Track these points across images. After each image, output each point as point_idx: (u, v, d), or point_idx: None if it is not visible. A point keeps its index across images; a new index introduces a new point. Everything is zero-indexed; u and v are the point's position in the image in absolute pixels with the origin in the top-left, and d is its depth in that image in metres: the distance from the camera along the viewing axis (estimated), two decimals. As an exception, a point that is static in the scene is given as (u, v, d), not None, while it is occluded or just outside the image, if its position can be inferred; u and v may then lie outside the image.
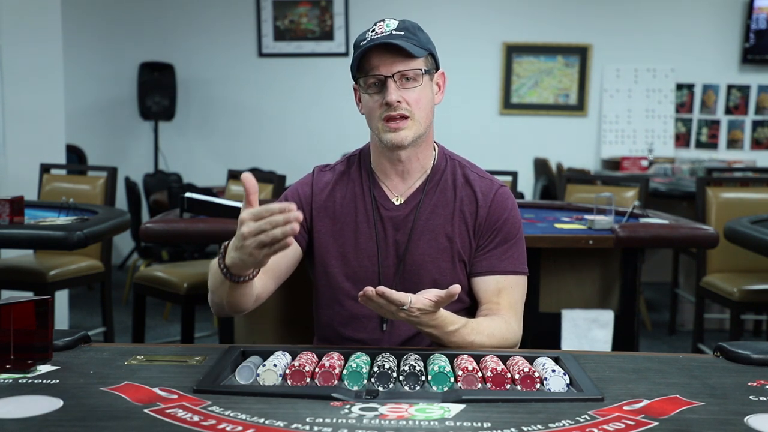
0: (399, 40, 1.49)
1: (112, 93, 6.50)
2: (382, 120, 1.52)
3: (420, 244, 1.58)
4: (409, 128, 1.52)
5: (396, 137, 1.52)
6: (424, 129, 1.55)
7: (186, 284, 3.38)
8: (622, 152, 6.34)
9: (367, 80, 1.52)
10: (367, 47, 1.49)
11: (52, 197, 3.78)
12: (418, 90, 1.52)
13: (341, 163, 1.68)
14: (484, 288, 1.58)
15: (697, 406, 1.09)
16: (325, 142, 6.37)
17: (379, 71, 1.50)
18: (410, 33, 1.52)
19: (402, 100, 1.50)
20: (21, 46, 4.20)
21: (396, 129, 1.51)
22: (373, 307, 1.33)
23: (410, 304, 1.31)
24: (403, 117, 1.51)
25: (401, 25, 1.52)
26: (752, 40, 6.24)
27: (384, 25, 1.52)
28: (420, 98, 1.52)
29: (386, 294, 1.28)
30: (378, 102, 1.52)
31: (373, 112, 1.54)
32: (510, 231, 1.59)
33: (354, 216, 1.60)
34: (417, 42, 1.51)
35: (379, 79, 1.51)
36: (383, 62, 1.50)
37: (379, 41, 1.49)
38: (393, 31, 1.50)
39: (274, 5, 6.39)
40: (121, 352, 1.33)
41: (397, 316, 1.34)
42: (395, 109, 1.50)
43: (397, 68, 1.50)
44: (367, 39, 1.52)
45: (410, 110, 1.51)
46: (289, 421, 1.01)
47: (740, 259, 3.51)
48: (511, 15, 6.41)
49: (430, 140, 1.62)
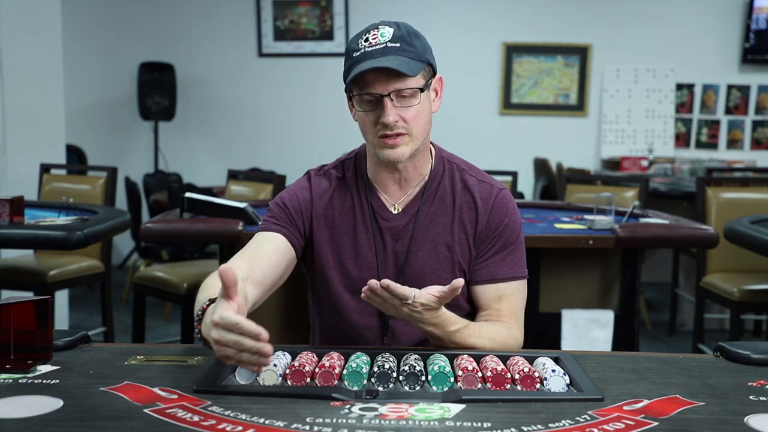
0: (395, 55, 1.42)
1: (112, 93, 6.51)
2: (377, 137, 1.47)
3: (419, 254, 1.55)
4: (406, 144, 1.47)
5: (393, 154, 1.47)
6: (421, 142, 1.50)
7: (186, 284, 3.39)
8: (622, 152, 6.34)
9: (361, 96, 1.46)
10: (361, 71, 1.42)
11: (52, 197, 3.78)
12: (416, 107, 1.46)
13: (335, 168, 1.62)
14: (485, 295, 1.56)
15: (697, 406, 1.09)
16: (325, 142, 6.37)
17: (374, 89, 1.44)
18: (406, 44, 1.44)
19: (399, 118, 1.44)
20: (21, 47, 4.20)
21: (393, 146, 1.47)
22: (376, 302, 1.31)
23: (414, 298, 1.29)
24: (399, 135, 1.46)
25: (396, 33, 1.44)
26: (752, 40, 6.24)
27: (378, 34, 1.44)
28: (417, 115, 1.46)
29: (391, 287, 1.27)
30: (373, 119, 1.46)
31: (368, 128, 1.48)
32: (510, 236, 1.57)
33: (353, 226, 1.57)
34: (414, 54, 1.45)
35: (375, 96, 1.45)
36: (379, 80, 1.43)
37: (374, 63, 1.41)
38: (388, 43, 1.43)
39: (274, 5, 6.39)
40: (121, 352, 1.33)
41: (400, 312, 1.32)
42: (392, 128, 1.45)
43: (393, 87, 1.43)
44: (360, 50, 1.45)
45: (407, 127, 1.46)
46: (289, 421, 1.01)
47: (740, 259, 3.51)
48: (511, 15, 6.41)
49: (427, 147, 1.58)
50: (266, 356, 1.08)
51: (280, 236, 1.53)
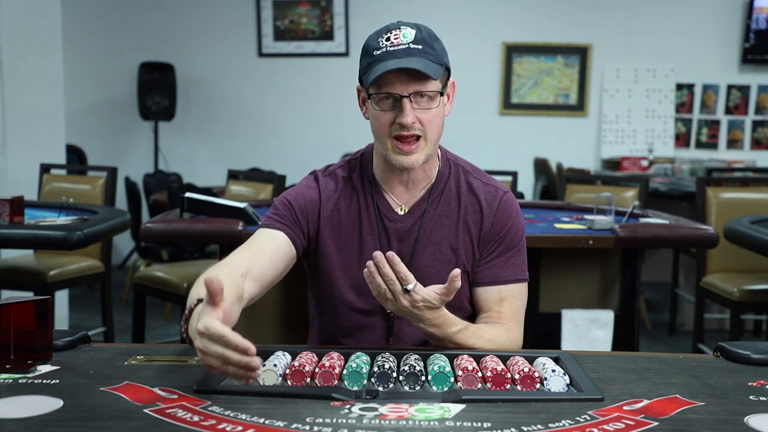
0: (418, 56, 1.42)
1: (112, 93, 6.51)
2: (391, 138, 1.46)
3: (424, 256, 1.55)
4: (421, 150, 1.47)
5: (407, 160, 1.47)
6: (434, 148, 1.51)
7: (186, 284, 3.39)
8: (622, 152, 6.34)
9: (379, 96, 1.45)
10: (384, 71, 1.41)
11: (52, 197, 3.78)
12: (434, 111, 1.46)
13: (342, 168, 1.62)
14: (486, 297, 1.56)
15: (697, 406, 1.09)
16: (324, 142, 6.37)
17: (394, 89, 1.43)
18: (428, 46, 1.44)
19: (416, 120, 1.44)
20: (21, 46, 4.20)
21: (408, 152, 1.46)
22: (376, 286, 1.30)
23: (415, 286, 1.30)
24: (415, 137, 1.46)
25: (418, 35, 1.44)
26: (752, 40, 6.24)
27: (401, 35, 1.44)
28: (434, 118, 1.46)
29: (395, 261, 1.28)
30: (389, 119, 1.45)
31: (382, 128, 1.47)
32: (513, 239, 1.57)
33: (358, 227, 1.57)
34: (435, 57, 1.44)
35: (394, 96, 1.44)
36: (400, 81, 1.42)
37: (397, 63, 1.41)
38: (411, 44, 1.43)
39: (274, 5, 6.39)
40: (121, 352, 1.33)
41: (400, 305, 1.31)
42: (408, 129, 1.44)
43: (414, 88, 1.43)
44: (382, 49, 1.44)
45: (423, 131, 1.45)
46: (289, 421, 1.01)
47: (740, 259, 3.51)
48: (511, 15, 6.41)
49: (436, 150, 1.57)
50: (254, 370, 1.06)
51: (283, 235, 1.53)
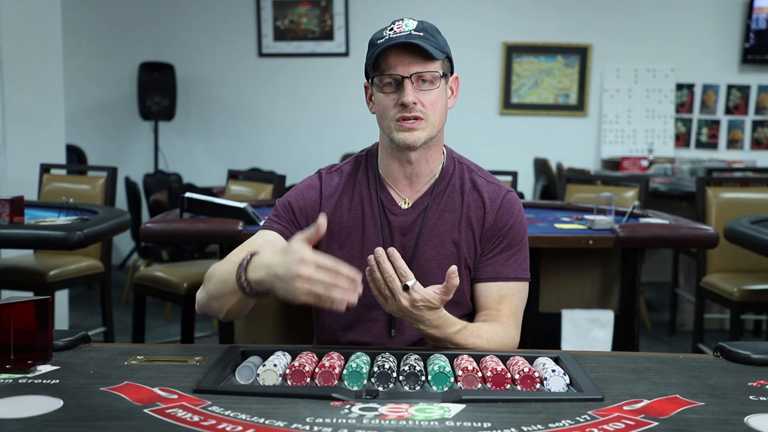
0: (418, 40, 1.47)
1: (112, 93, 6.51)
2: (395, 120, 1.50)
3: (427, 250, 1.56)
4: (422, 129, 1.50)
5: (409, 137, 1.50)
6: (436, 132, 1.53)
7: (186, 284, 3.39)
8: (622, 152, 6.34)
9: (382, 79, 1.50)
10: (386, 46, 1.47)
11: (52, 197, 3.78)
12: (435, 93, 1.50)
13: (348, 164, 1.65)
14: (486, 294, 1.57)
15: (697, 406, 1.09)
16: (325, 142, 6.37)
17: (396, 71, 1.48)
18: (429, 35, 1.50)
19: (418, 101, 1.48)
20: (21, 46, 4.20)
21: (410, 129, 1.49)
22: (377, 282, 1.32)
23: (415, 284, 1.31)
24: (417, 118, 1.49)
25: (420, 26, 1.50)
26: (752, 40, 6.24)
27: (403, 24, 1.50)
28: (435, 101, 1.50)
29: (395, 257, 1.30)
30: (393, 101, 1.50)
31: (386, 111, 1.51)
32: (515, 237, 1.58)
33: (361, 220, 1.59)
34: (436, 44, 1.50)
35: (396, 78, 1.48)
36: (401, 62, 1.48)
37: (399, 41, 1.46)
38: (412, 32, 1.48)
39: (274, 5, 6.39)
40: (121, 352, 1.33)
41: (400, 305, 1.32)
42: (410, 110, 1.48)
43: (414, 69, 1.48)
44: (385, 37, 1.49)
45: (425, 112, 1.49)
46: (289, 421, 1.01)
47: (740, 259, 3.51)
48: (511, 15, 6.41)
49: (440, 144, 1.61)
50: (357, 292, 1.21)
51: (279, 236, 1.55)
